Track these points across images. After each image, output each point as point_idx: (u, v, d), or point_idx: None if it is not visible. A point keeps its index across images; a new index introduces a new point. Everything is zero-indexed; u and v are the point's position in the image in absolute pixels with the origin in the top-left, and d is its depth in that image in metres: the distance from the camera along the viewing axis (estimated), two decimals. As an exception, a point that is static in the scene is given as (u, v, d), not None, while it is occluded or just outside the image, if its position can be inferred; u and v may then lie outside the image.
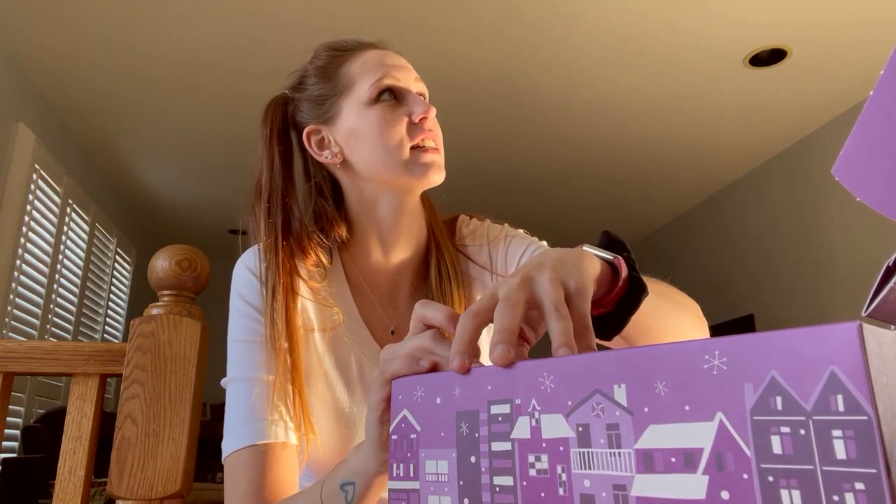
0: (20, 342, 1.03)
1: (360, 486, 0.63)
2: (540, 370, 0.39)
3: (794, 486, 0.27)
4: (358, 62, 0.90)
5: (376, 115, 0.87)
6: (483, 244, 0.99)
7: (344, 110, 0.89)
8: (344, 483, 0.64)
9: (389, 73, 0.88)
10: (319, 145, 0.93)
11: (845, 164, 0.35)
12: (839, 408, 0.27)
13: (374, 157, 0.88)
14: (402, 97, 0.88)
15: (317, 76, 0.93)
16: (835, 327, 0.27)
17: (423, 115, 0.86)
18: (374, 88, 0.87)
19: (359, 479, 0.63)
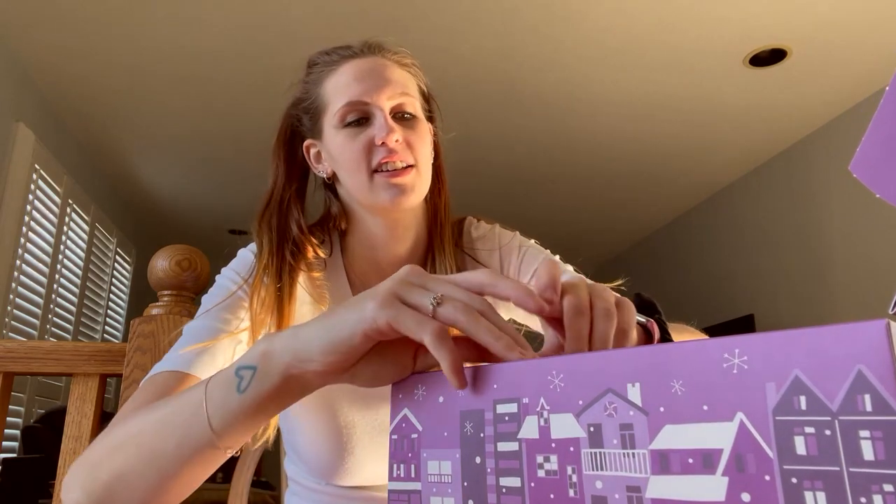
0: (20, 342, 1.03)
1: (263, 371, 0.51)
2: (548, 369, 0.39)
3: (819, 487, 0.27)
4: (333, 80, 0.89)
5: (342, 140, 0.86)
6: (494, 249, 0.98)
7: (325, 129, 0.90)
8: (241, 367, 0.52)
9: (357, 94, 0.86)
10: (316, 158, 0.94)
11: (862, 160, 0.35)
12: (867, 407, 0.26)
13: (345, 179, 0.89)
14: (370, 118, 0.86)
15: (307, 91, 0.94)
16: (861, 325, 0.26)
17: (383, 139, 0.83)
18: (340, 113, 0.86)
19: (266, 363, 0.51)
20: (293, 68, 0.99)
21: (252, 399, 0.51)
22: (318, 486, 0.93)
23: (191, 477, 0.57)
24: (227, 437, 0.53)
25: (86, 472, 0.62)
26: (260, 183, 0.97)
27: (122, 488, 0.58)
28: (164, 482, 0.57)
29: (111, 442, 0.62)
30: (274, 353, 0.50)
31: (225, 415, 0.52)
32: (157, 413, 0.59)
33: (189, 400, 0.56)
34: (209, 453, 0.55)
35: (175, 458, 0.55)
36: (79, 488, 0.61)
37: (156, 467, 0.56)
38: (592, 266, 6.25)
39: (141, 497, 0.58)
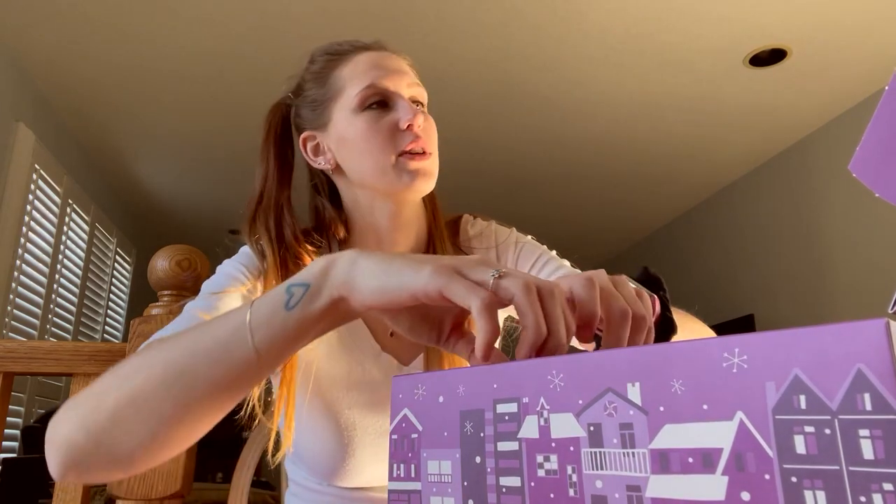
0: (20, 342, 1.03)
1: (315, 290, 0.51)
2: (548, 368, 0.39)
3: (819, 486, 0.27)
4: (349, 67, 0.89)
5: (363, 123, 0.86)
6: (491, 247, 0.98)
7: (335, 117, 0.89)
8: (294, 284, 0.53)
9: (378, 78, 0.86)
10: (315, 151, 0.93)
11: (861, 160, 0.35)
12: (866, 406, 0.26)
13: (361, 164, 0.88)
14: (391, 103, 0.87)
15: (312, 81, 0.93)
16: (861, 324, 0.26)
17: (410, 121, 0.84)
18: (362, 95, 0.86)
19: (321, 281, 0.51)
20: (293, 69, 0.99)
21: (298, 317, 0.52)
22: (319, 487, 0.93)
23: (217, 402, 0.56)
24: (267, 355, 0.53)
25: (85, 404, 0.59)
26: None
27: (131, 416, 0.55)
28: (188, 406, 0.55)
29: (121, 372, 0.59)
30: (331, 275, 0.51)
31: (269, 331, 0.52)
32: (186, 337, 0.57)
33: (229, 318, 0.55)
34: (245, 372, 0.54)
35: (206, 377, 0.54)
36: (73, 422, 0.58)
37: (181, 386, 0.54)
38: (592, 266, 6.23)
39: (152, 427, 0.55)
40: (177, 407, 0.55)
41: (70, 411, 0.59)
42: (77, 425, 0.58)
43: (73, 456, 0.57)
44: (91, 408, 0.58)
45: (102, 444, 0.56)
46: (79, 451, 0.57)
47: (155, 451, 0.57)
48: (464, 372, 0.43)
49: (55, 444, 0.59)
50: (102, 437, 0.56)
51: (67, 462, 0.58)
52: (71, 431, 0.58)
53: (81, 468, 0.58)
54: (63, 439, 0.58)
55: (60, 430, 0.59)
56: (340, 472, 0.88)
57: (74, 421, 0.58)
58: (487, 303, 0.44)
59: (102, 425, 0.56)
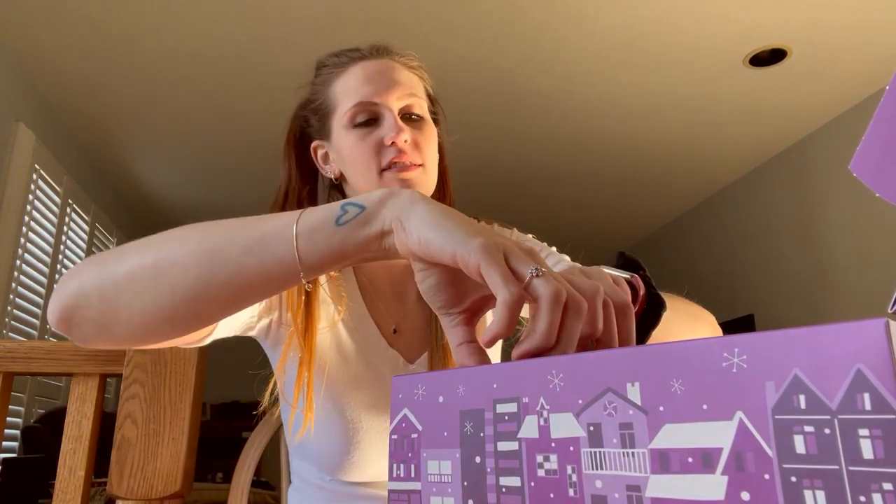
0: (20, 342, 1.03)
1: (369, 214, 0.51)
2: (548, 368, 0.39)
3: (819, 486, 0.27)
4: (342, 81, 0.90)
5: (352, 140, 0.88)
6: None
7: (334, 130, 0.91)
8: (350, 203, 0.53)
9: (367, 95, 0.87)
10: (324, 159, 0.96)
11: (862, 160, 0.35)
12: (866, 406, 0.26)
13: (354, 179, 0.90)
14: (379, 118, 0.88)
15: (316, 93, 0.95)
16: (861, 324, 0.26)
17: (392, 138, 0.85)
18: (350, 113, 0.88)
19: (377, 209, 0.51)
20: (294, 69, 1.00)
21: (344, 236, 0.51)
22: (323, 483, 0.93)
23: (236, 294, 0.55)
24: (304, 261, 0.52)
25: (108, 259, 0.58)
26: (260, 183, 0.98)
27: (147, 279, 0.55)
28: (206, 287, 0.54)
29: (154, 238, 0.59)
30: (387, 206, 0.51)
31: (312, 238, 0.52)
32: (229, 223, 0.57)
33: (277, 217, 0.55)
34: (276, 270, 0.53)
35: (238, 263, 0.53)
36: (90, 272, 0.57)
37: (208, 264, 0.54)
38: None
39: (162, 298, 0.54)
40: (196, 284, 0.54)
41: (92, 262, 0.59)
42: (92, 275, 0.57)
43: (74, 303, 0.57)
44: (111, 262, 0.58)
45: (108, 300, 0.56)
46: (83, 301, 0.57)
47: (151, 326, 0.56)
48: (464, 372, 0.43)
49: (63, 288, 0.58)
50: (111, 293, 0.56)
51: (66, 308, 0.58)
52: (84, 280, 0.57)
53: (76, 320, 0.58)
54: (73, 285, 0.58)
55: (74, 277, 0.58)
56: (345, 465, 0.89)
57: (92, 272, 0.58)
58: (515, 299, 0.43)
59: (116, 281, 0.56)
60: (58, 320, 0.58)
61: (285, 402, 0.94)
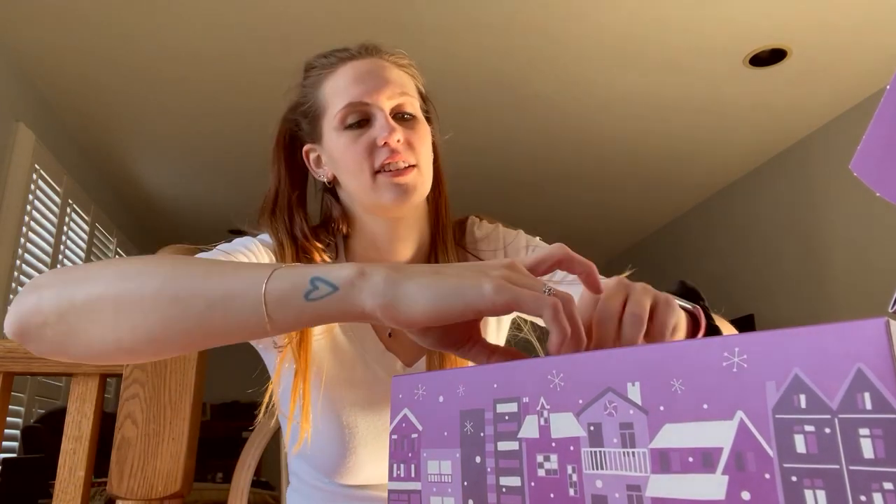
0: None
1: (342, 297, 0.49)
2: (548, 368, 0.39)
3: (819, 486, 0.27)
4: (331, 82, 0.89)
5: (343, 142, 0.87)
6: (498, 248, 0.98)
7: (325, 132, 0.90)
8: (320, 279, 0.50)
9: (356, 96, 0.86)
10: (316, 163, 0.95)
11: (863, 159, 0.35)
12: (866, 406, 0.26)
13: (348, 181, 0.89)
14: (370, 119, 0.86)
15: (305, 95, 0.94)
16: (861, 323, 0.26)
17: (385, 139, 0.84)
18: (340, 115, 0.86)
19: (350, 292, 0.49)
20: (293, 69, 1.00)
21: (313, 310, 0.50)
22: (321, 484, 0.93)
23: (206, 340, 0.54)
24: (276, 324, 0.52)
25: (73, 281, 0.57)
26: (260, 183, 0.97)
27: (107, 313, 0.54)
28: (167, 331, 0.53)
29: (123, 267, 0.57)
30: (364, 290, 0.49)
31: (281, 306, 0.51)
32: (192, 269, 0.55)
33: (241, 273, 0.54)
34: (245, 330, 0.52)
35: (201, 317, 0.52)
36: (52, 290, 0.57)
37: (170, 311, 0.53)
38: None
39: (121, 334, 0.54)
40: (156, 327, 0.54)
41: (55, 278, 0.58)
42: (53, 293, 0.56)
43: (31, 319, 0.57)
44: (74, 283, 0.57)
45: (66, 322, 0.55)
46: (39, 318, 0.56)
47: (110, 354, 0.56)
48: (464, 372, 0.43)
49: (23, 300, 0.58)
50: (70, 317, 0.55)
51: (23, 321, 0.57)
52: (44, 297, 0.57)
53: (31, 334, 0.57)
54: (32, 300, 0.57)
55: (34, 290, 0.58)
56: (342, 469, 0.88)
57: (54, 289, 0.57)
58: (556, 308, 0.45)
59: (75, 305, 0.55)
60: (13, 332, 0.58)
61: (281, 415, 0.93)
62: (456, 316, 0.46)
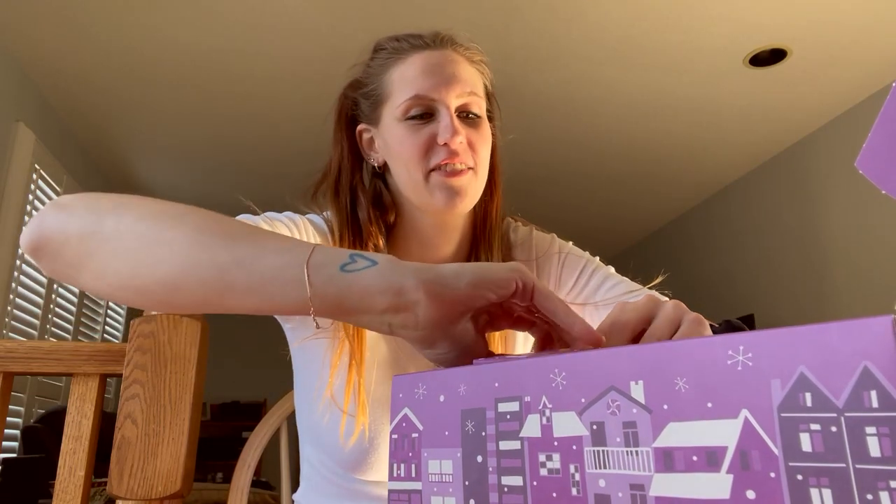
0: (20, 342, 1.02)
1: (381, 270, 0.48)
2: (551, 367, 0.38)
3: (825, 484, 0.26)
4: (400, 70, 0.86)
5: (402, 133, 0.84)
6: (531, 259, 0.97)
7: (384, 118, 0.88)
8: (359, 255, 0.50)
9: (424, 89, 0.83)
10: (369, 145, 0.92)
11: (868, 157, 0.35)
12: (873, 404, 0.26)
13: (400, 173, 0.87)
14: (435, 114, 0.84)
15: (369, 76, 0.91)
16: (867, 321, 0.26)
17: (447, 140, 0.81)
18: (404, 106, 0.84)
19: (387, 264, 0.49)
20: (294, 71, 1.00)
21: (346, 280, 0.49)
22: (339, 480, 0.91)
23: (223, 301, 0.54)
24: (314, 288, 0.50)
25: (104, 212, 0.56)
26: (260, 183, 0.97)
27: (129, 255, 0.53)
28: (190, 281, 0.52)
29: (156, 211, 0.56)
30: (404, 267, 0.49)
31: (315, 272, 0.49)
32: (239, 223, 0.55)
33: (288, 239, 0.53)
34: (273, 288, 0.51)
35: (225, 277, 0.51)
36: (80, 217, 0.56)
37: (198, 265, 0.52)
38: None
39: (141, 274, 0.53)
40: (175, 270, 0.53)
41: (85, 202, 0.58)
42: (81, 215, 0.56)
43: (53, 237, 0.56)
44: (105, 211, 0.56)
45: (86, 246, 0.55)
46: (61, 237, 0.56)
47: (121, 286, 0.56)
48: (465, 371, 0.43)
49: (47, 217, 0.58)
50: (92, 242, 0.55)
51: (43, 238, 0.57)
52: (71, 218, 0.56)
53: (49, 251, 0.57)
54: (59, 219, 0.57)
55: (62, 209, 0.57)
56: (364, 465, 0.87)
57: (82, 211, 0.56)
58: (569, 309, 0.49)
59: (102, 232, 0.55)
60: (31, 244, 0.58)
61: (337, 407, 0.90)
62: (497, 283, 0.48)
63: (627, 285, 0.91)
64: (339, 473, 0.91)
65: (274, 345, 0.95)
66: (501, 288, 0.48)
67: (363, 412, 0.83)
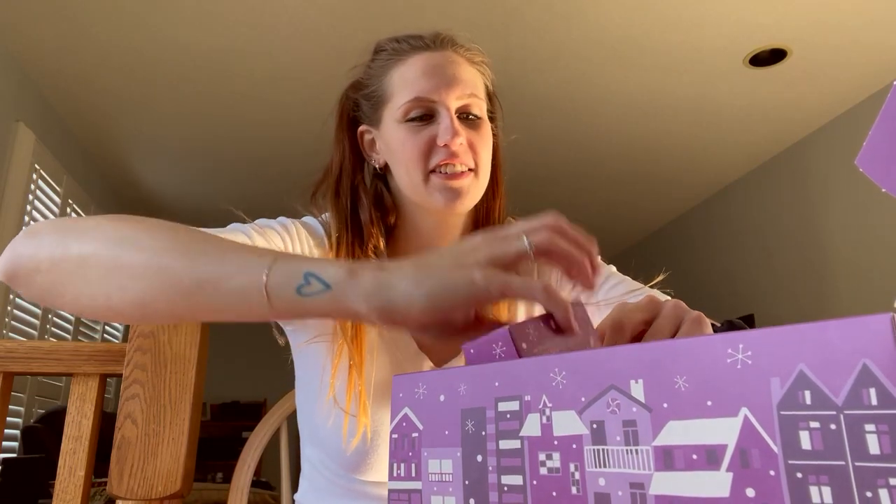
0: (20, 342, 1.02)
1: (335, 297, 0.49)
2: (551, 366, 0.38)
3: (825, 482, 0.26)
4: (400, 71, 0.87)
5: (402, 134, 0.84)
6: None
7: (385, 120, 0.88)
8: (314, 275, 0.50)
9: (424, 90, 0.84)
10: (370, 146, 0.92)
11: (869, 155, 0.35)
12: (872, 401, 0.26)
13: (400, 174, 0.87)
14: (436, 115, 0.84)
15: (370, 77, 0.91)
16: (866, 319, 0.26)
17: (447, 141, 0.82)
18: (405, 107, 0.84)
19: (342, 292, 0.49)
20: (294, 71, 0.99)
21: (304, 305, 0.50)
22: (340, 480, 0.92)
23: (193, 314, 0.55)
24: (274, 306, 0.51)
25: (70, 235, 0.58)
26: (260, 183, 0.97)
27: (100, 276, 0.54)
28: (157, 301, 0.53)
29: (120, 229, 0.58)
30: (356, 292, 0.49)
31: (275, 300, 0.51)
32: (185, 243, 0.56)
33: (249, 252, 0.54)
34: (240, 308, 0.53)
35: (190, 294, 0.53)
36: (49, 240, 0.58)
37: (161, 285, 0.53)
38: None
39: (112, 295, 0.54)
40: (142, 294, 0.54)
41: (53, 229, 0.59)
42: (50, 242, 0.57)
43: (24, 263, 0.58)
44: (72, 236, 0.57)
45: (57, 272, 0.56)
46: (32, 264, 0.57)
47: (98, 310, 0.57)
48: (465, 370, 0.43)
49: (19, 245, 0.59)
50: (62, 269, 0.56)
51: (16, 265, 0.58)
52: (41, 245, 0.58)
53: (22, 278, 0.58)
54: (30, 245, 0.58)
55: (32, 237, 0.59)
56: (364, 466, 0.87)
57: (51, 239, 0.58)
58: (548, 289, 0.47)
59: (70, 259, 0.56)
60: (5, 273, 0.59)
61: (338, 409, 0.90)
62: (451, 310, 0.47)
63: (629, 285, 0.91)
64: (339, 474, 0.92)
65: (274, 345, 0.95)
66: (462, 306, 0.47)
67: (364, 413, 0.83)
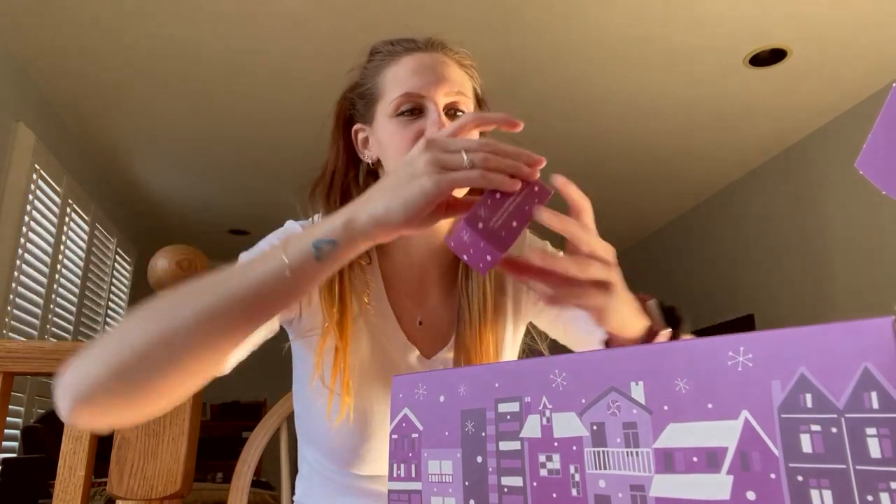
0: (20, 342, 1.02)
1: (344, 241, 0.60)
2: (551, 367, 0.38)
3: (826, 485, 0.26)
4: (393, 70, 0.90)
5: (392, 128, 0.88)
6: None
7: (377, 117, 0.91)
8: (321, 241, 0.60)
9: (415, 87, 0.87)
10: (364, 144, 0.96)
11: (869, 157, 0.34)
12: (873, 405, 0.26)
13: (390, 167, 0.90)
14: (423, 111, 0.87)
15: (365, 77, 0.95)
16: (868, 322, 0.26)
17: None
18: (396, 102, 0.87)
19: (347, 234, 0.60)
20: (293, 71, 1.00)
21: (330, 263, 0.60)
22: (335, 476, 0.93)
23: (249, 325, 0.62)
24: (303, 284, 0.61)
25: (108, 347, 0.62)
26: (260, 184, 0.97)
27: (160, 351, 0.59)
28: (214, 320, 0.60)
29: (147, 316, 0.63)
30: (356, 225, 0.59)
31: (302, 273, 0.60)
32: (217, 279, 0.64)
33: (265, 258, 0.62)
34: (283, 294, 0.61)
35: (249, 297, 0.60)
36: (95, 361, 0.61)
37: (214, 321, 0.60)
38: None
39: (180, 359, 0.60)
40: (199, 330, 0.60)
41: (90, 355, 0.62)
42: (99, 362, 0.61)
43: (90, 391, 0.61)
44: (115, 346, 0.62)
45: (123, 377, 0.60)
46: (97, 386, 0.60)
47: (178, 380, 0.62)
48: (465, 371, 0.43)
49: (70, 380, 0.62)
50: (126, 371, 0.60)
51: (82, 397, 0.61)
52: (90, 369, 0.61)
53: (95, 404, 0.61)
54: (80, 375, 0.61)
55: (77, 369, 0.62)
56: (356, 458, 0.89)
57: (97, 360, 0.61)
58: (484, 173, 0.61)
59: (128, 362, 0.60)
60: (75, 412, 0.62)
61: (324, 387, 0.91)
62: (420, 211, 0.58)
63: None
64: (334, 470, 0.93)
65: (274, 345, 0.96)
66: (426, 207, 0.58)
67: (347, 393, 0.87)
